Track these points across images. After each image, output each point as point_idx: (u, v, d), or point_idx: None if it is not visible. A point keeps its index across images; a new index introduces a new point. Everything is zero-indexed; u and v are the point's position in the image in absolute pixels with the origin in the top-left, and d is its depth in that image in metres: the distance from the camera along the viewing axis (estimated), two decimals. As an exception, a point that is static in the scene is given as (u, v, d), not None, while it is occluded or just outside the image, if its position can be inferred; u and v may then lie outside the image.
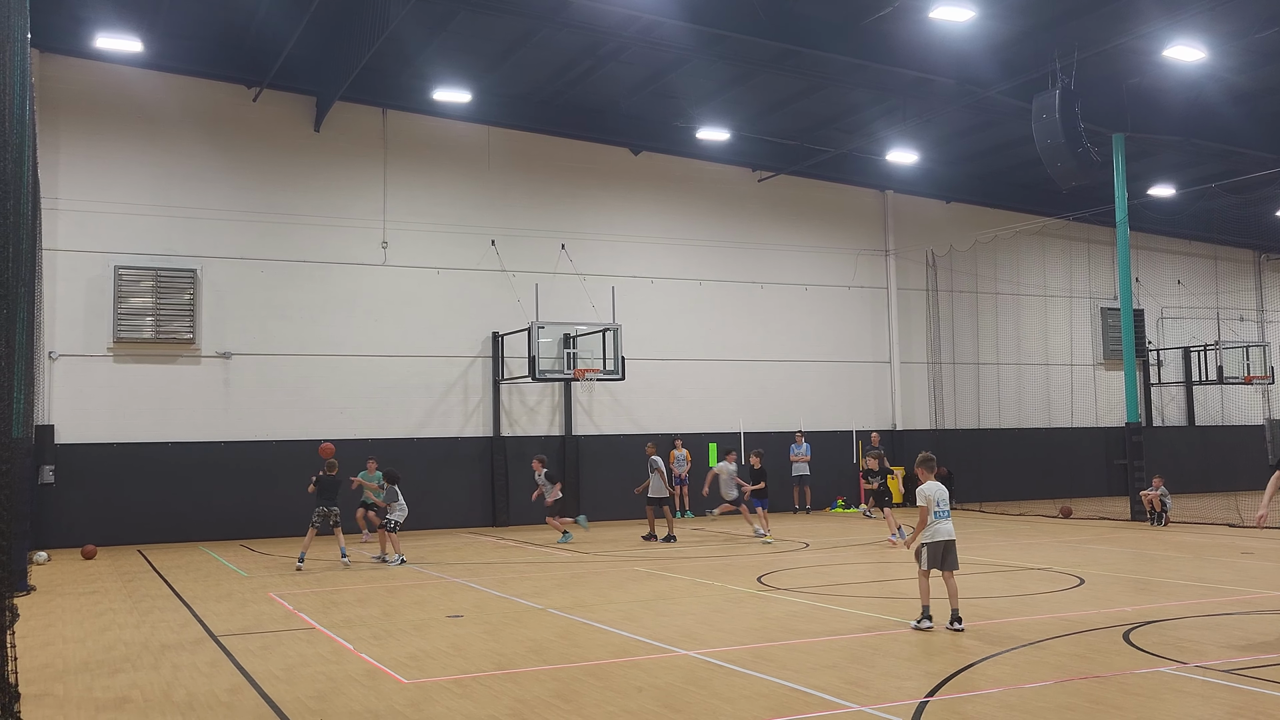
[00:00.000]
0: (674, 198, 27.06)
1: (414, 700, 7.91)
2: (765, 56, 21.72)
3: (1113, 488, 29.69)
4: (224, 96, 22.71)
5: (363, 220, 23.72)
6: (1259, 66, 22.31)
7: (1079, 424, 30.88)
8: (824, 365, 28.44)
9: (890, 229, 29.72)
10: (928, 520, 10.36)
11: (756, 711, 7.40)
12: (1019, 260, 31.05)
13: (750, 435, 26.53)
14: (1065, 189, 21.58)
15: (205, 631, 11.09)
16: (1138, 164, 27.14)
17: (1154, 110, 23.72)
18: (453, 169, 24.75)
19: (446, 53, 21.71)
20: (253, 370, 22.44)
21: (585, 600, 12.82)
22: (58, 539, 19.94)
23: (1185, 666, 8.56)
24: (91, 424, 21.09)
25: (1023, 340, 30.89)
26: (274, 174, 23.09)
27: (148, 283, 21.67)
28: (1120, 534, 20.12)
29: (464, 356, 24.37)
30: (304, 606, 12.65)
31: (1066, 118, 19.35)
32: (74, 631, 11.24)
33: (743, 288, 27.59)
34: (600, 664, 9.10)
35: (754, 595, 13.02)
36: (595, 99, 24.43)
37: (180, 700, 8.07)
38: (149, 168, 22.04)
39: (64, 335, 21.08)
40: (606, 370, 23.18)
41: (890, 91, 23.61)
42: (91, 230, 21.41)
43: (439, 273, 24.30)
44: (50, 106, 21.04)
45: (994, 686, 8.03)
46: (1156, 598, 12.25)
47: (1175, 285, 33.79)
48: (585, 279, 25.43)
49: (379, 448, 23.07)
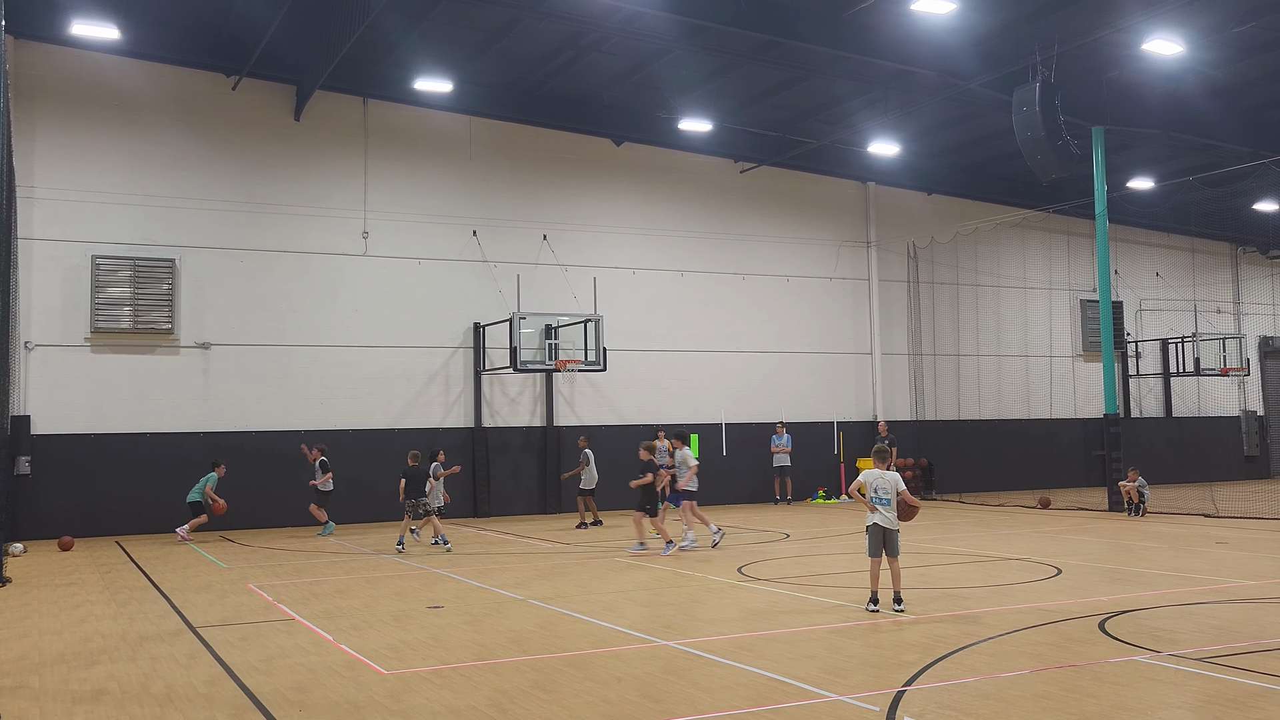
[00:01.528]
0: (656, 189, 27.05)
1: (393, 691, 7.91)
2: (747, 48, 21.72)
3: (1091, 478, 29.95)
4: (203, 85, 22.55)
5: (343, 210, 23.61)
6: (1237, 60, 22.45)
7: (1058, 415, 31.11)
8: (805, 356, 28.51)
9: (872, 221, 29.79)
10: (872, 505, 10.92)
11: (735, 701, 7.43)
12: (999, 252, 31.21)
13: (731, 426, 26.58)
14: (1045, 181, 21.68)
15: (184, 623, 11.05)
16: (1117, 157, 27.29)
17: (1133, 103, 23.85)
18: (434, 159, 24.66)
19: (428, 42, 21.61)
20: (232, 361, 22.33)
21: (566, 591, 12.84)
22: (34, 530, 19.82)
23: (1159, 655, 8.65)
24: (69, 415, 20.95)
25: (1003, 332, 31.06)
26: (254, 163, 22.95)
27: (125, 272, 21.51)
28: (1098, 524, 20.28)
29: (445, 347, 24.32)
30: (283, 598, 12.62)
31: (1047, 111, 19.44)
32: (51, 623, 11.18)
33: (725, 279, 27.61)
34: (580, 654, 9.12)
35: (734, 586, 13.07)
36: (577, 89, 24.37)
37: (158, 692, 8.04)
38: (127, 157, 21.87)
39: (41, 325, 20.91)
40: (588, 361, 23.19)
41: (872, 83, 23.65)
42: (68, 219, 21.24)
43: (420, 263, 24.22)
44: (26, 94, 20.86)
45: (971, 675, 8.09)
46: (1132, 587, 12.36)
47: (1154, 278, 34.02)
48: (567, 270, 25.41)
49: (360, 438, 23.07)
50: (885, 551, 10.86)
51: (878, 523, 10.84)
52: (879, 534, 10.86)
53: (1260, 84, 23.86)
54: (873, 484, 10.92)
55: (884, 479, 10.93)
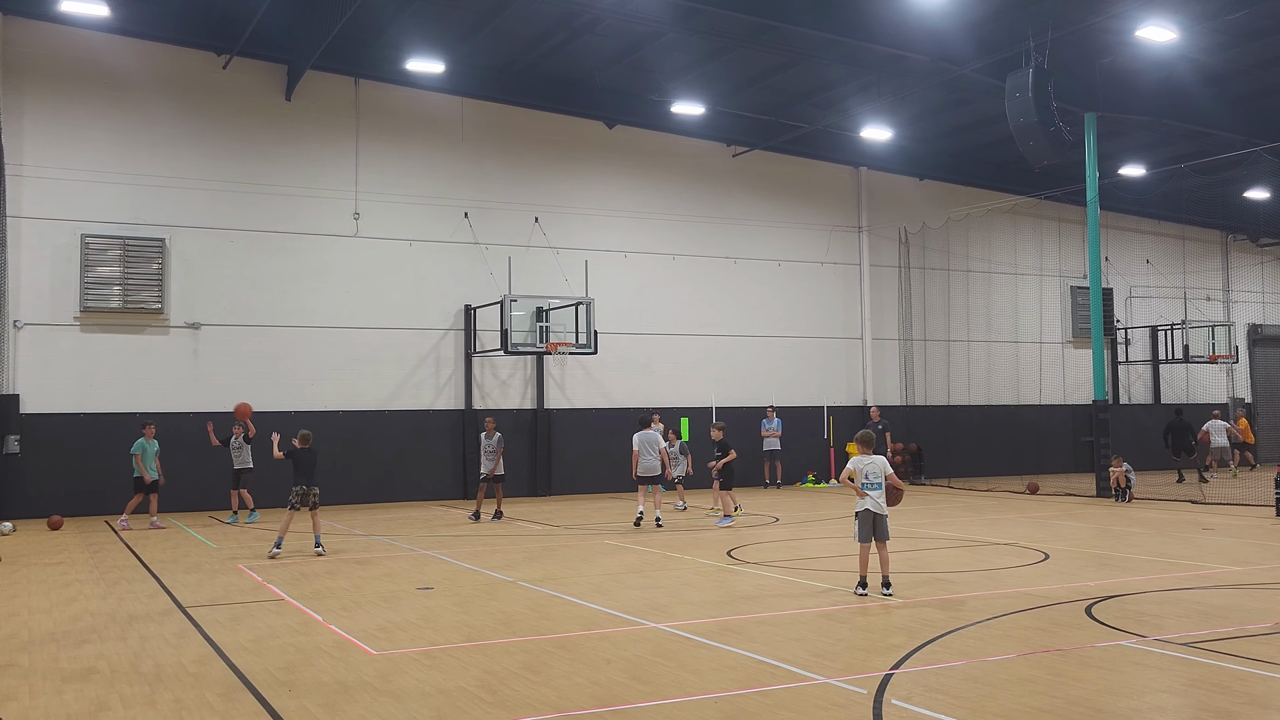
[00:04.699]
0: (648, 172, 26.99)
1: (382, 671, 7.94)
2: (741, 31, 21.66)
3: (1079, 464, 30.06)
4: (193, 64, 22.39)
5: (334, 191, 23.52)
6: (1230, 48, 22.47)
7: (1047, 401, 31.21)
8: (796, 341, 28.54)
9: (863, 205, 29.78)
10: (862, 490, 10.93)
11: (724, 683, 7.47)
12: (990, 238, 31.25)
13: (722, 410, 26.60)
14: (1037, 168, 21.70)
15: (173, 602, 11.06)
16: (1109, 144, 27.32)
17: (1126, 90, 23.85)
18: (426, 140, 24.57)
19: (420, 22, 21.48)
20: (222, 341, 22.26)
21: (556, 573, 12.87)
22: (23, 509, 19.78)
23: (1145, 640, 8.71)
24: (58, 394, 20.88)
25: (993, 318, 31.15)
26: (244, 143, 22.83)
27: (115, 251, 21.41)
28: (1085, 510, 20.39)
29: (436, 329, 24.28)
30: (273, 578, 12.63)
31: (1039, 97, 19.43)
32: (40, 602, 11.17)
33: (716, 263, 27.60)
34: (569, 636, 9.15)
35: (723, 569, 13.11)
36: (570, 71, 24.29)
37: (147, 671, 8.05)
38: (116, 135, 21.73)
39: (30, 304, 20.81)
40: (579, 344, 23.16)
41: (865, 68, 23.62)
42: (57, 198, 21.11)
43: (411, 244, 24.16)
44: (14, 71, 20.73)
45: (958, 659, 8.14)
46: (1119, 573, 12.44)
47: (1144, 265, 34.13)
48: (559, 252, 25.37)
49: (350, 420, 23.05)
50: (875, 536, 10.91)
51: (869, 508, 10.89)
52: (869, 519, 10.91)
53: (1254, 71, 23.89)
54: (863, 470, 10.94)
55: (873, 464, 10.97)
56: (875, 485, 10.90)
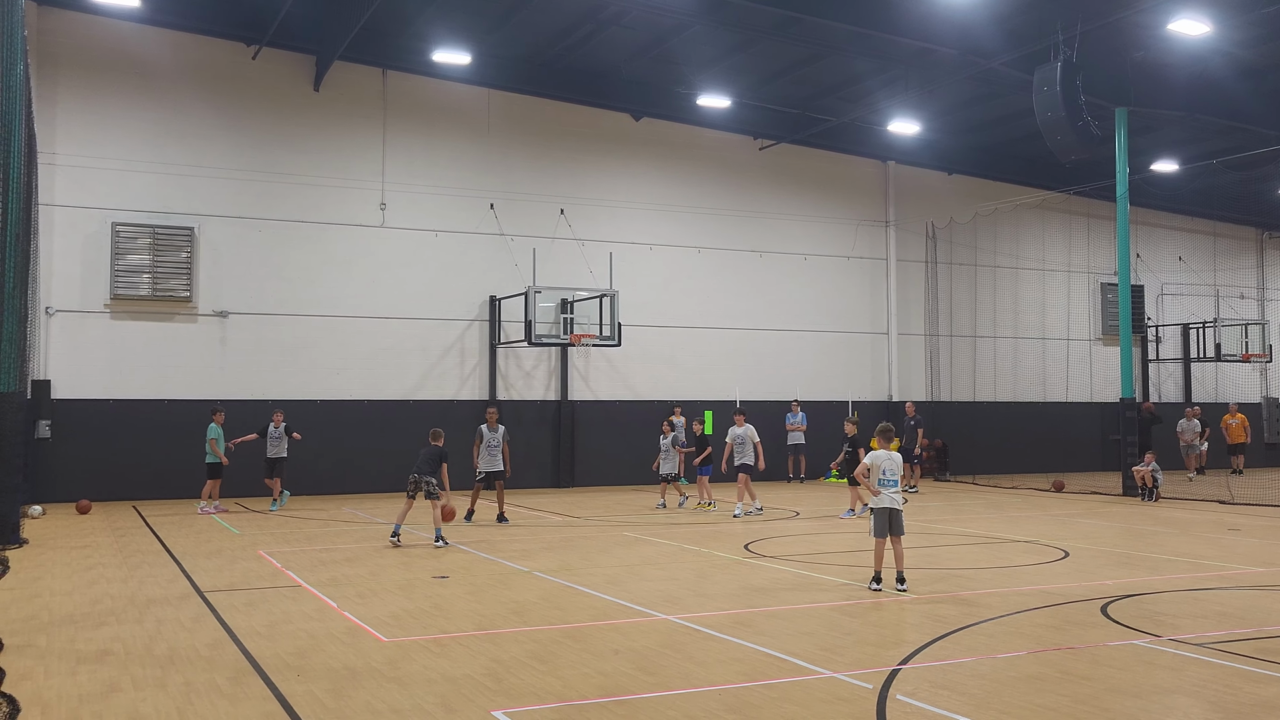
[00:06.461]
0: (674, 164, 26.95)
1: (391, 658, 8.00)
2: (767, 23, 21.56)
3: (1106, 463, 29.76)
4: (222, 54, 22.59)
5: (361, 181, 23.66)
6: (1266, 41, 22.12)
7: (1074, 399, 30.91)
8: (821, 335, 28.43)
9: (891, 200, 29.60)
10: (875, 487, 10.86)
11: (729, 676, 7.48)
12: (1019, 233, 30.96)
13: (746, 403, 26.52)
14: (1066, 162, 21.46)
15: (192, 587, 11.20)
16: (1140, 139, 26.98)
17: (1157, 84, 23.54)
18: (452, 131, 24.65)
19: (447, 13, 21.56)
20: (249, 329, 22.47)
21: (571, 563, 12.92)
22: (53, 493, 20.07)
23: (1159, 640, 8.63)
24: (88, 380, 21.16)
25: (1020, 314, 30.86)
26: (272, 133, 23.00)
27: (145, 240, 21.66)
28: (1110, 509, 20.19)
29: (461, 320, 24.38)
30: (292, 565, 12.76)
31: (1067, 91, 19.20)
32: (62, 585, 11.35)
33: (742, 256, 27.53)
34: (580, 626, 9.18)
35: (739, 562, 13.11)
36: (596, 63, 24.28)
37: (161, 654, 8.16)
38: (147, 124, 21.97)
39: (61, 291, 21.10)
40: (603, 336, 23.18)
41: (893, 61, 23.45)
42: (89, 186, 21.38)
43: (437, 235, 24.27)
44: (48, 61, 20.99)
45: (967, 655, 8.10)
46: (1139, 572, 12.32)
47: (1176, 261, 33.68)
48: (584, 244, 25.39)
49: (374, 410, 23.20)
50: (891, 531, 10.87)
51: (886, 505, 10.83)
52: (886, 515, 10.86)
53: (1290, 66, 23.51)
54: (882, 465, 10.88)
55: (891, 459, 10.93)
56: (893, 482, 10.85)
